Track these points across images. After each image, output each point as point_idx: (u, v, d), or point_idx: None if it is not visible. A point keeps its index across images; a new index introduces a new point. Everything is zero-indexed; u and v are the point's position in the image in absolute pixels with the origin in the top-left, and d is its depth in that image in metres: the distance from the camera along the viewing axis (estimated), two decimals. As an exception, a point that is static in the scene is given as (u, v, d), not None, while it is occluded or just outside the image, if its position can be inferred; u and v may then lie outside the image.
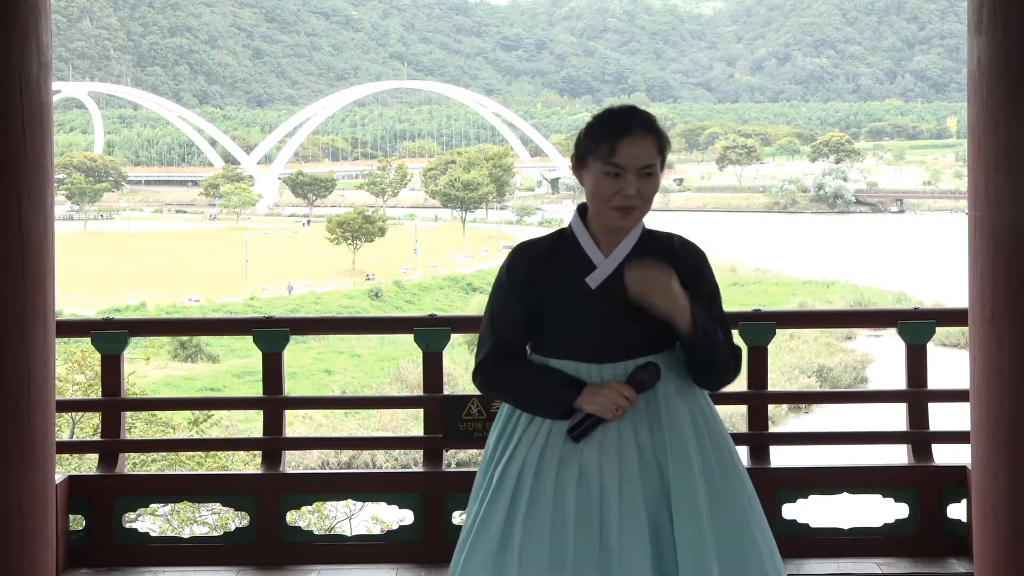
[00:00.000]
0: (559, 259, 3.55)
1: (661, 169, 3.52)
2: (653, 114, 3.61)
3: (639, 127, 3.49)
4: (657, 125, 3.55)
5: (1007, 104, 4.21)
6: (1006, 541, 4.29)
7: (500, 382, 3.57)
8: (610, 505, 3.41)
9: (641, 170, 3.47)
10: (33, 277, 4.27)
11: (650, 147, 3.49)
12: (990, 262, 4.29)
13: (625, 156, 3.46)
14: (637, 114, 3.54)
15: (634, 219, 3.52)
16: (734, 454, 3.59)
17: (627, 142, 3.46)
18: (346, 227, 75.31)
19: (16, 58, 4.21)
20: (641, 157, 3.47)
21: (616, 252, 3.53)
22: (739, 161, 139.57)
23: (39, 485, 4.34)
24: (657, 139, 3.51)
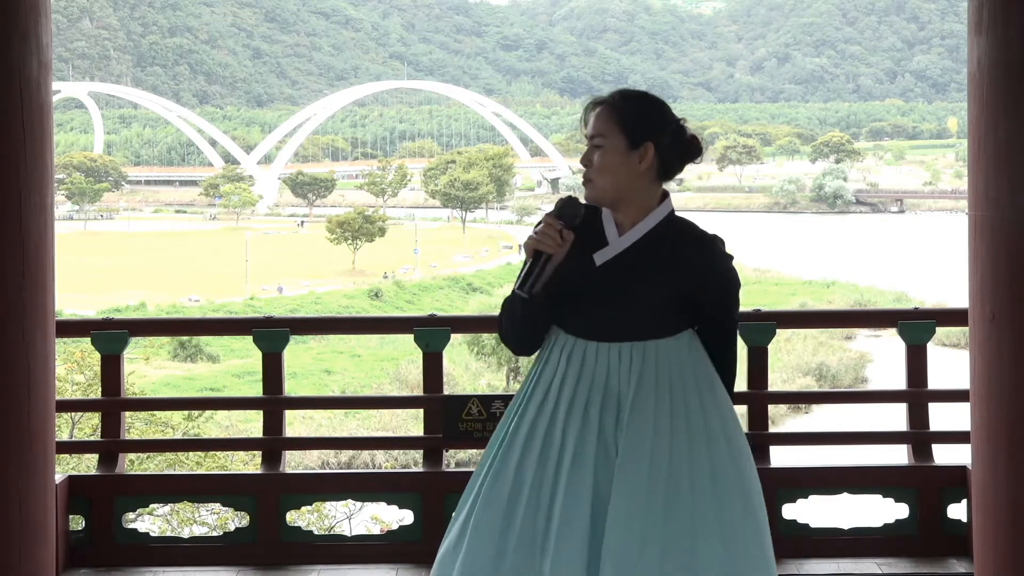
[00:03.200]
0: (585, 229, 3.55)
1: (634, 144, 3.48)
2: (637, 91, 3.60)
3: (602, 100, 3.55)
4: (618, 98, 3.55)
5: (1007, 104, 4.21)
6: (1006, 541, 4.29)
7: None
8: (559, 485, 3.43)
9: (590, 140, 3.52)
10: (33, 277, 4.27)
11: (602, 119, 3.51)
12: (990, 262, 4.29)
13: (587, 127, 3.54)
14: (617, 91, 3.59)
15: (593, 191, 3.53)
16: (730, 450, 3.57)
17: (590, 115, 3.55)
18: (346, 227, 75.31)
19: (16, 58, 4.21)
20: (590, 127, 3.53)
21: (628, 234, 3.53)
22: (739, 161, 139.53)
23: (39, 485, 4.34)
24: (614, 112, 3.51)
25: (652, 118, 3.52)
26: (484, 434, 5.91)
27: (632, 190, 3.51)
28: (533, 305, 3.51)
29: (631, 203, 3.53)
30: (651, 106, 3.55)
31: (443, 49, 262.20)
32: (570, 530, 3.39)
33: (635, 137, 3.49)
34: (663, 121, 3.54)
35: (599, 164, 3.50)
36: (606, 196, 3.53)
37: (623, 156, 3.49)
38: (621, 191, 3.51)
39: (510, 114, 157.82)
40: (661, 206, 3.54)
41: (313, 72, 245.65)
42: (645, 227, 3.52)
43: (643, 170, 3.50)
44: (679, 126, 3.57)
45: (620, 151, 3.49)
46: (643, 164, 3.50)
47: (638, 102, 3.54)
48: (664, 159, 3.52)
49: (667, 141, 3.52)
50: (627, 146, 3.49)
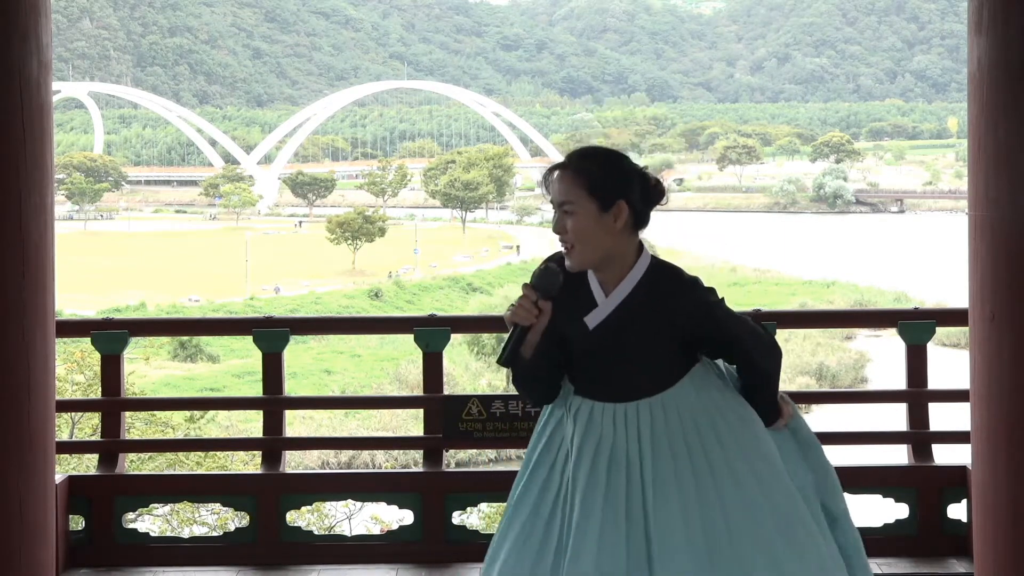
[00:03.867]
0: (575, 289, 3.56)
1: (605, 206, 3.46)
2: (597, 150, 3.57)
3: (563, 165, 3.52)
4: (579, 161, 3.51)
5: (1007, 104, 4.21)
6: (1006, 541, 4.29)
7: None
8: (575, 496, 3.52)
9: (560, 207, 3.50)
10: (33, 277, 4.27)
11: (567, 184, 3.48)
12: (990, 262, 4.29)
13: (551, 193, 3.52)
14: (574, 154, 3.55)
15: (577, 258, 3.50)
16: (760, 484, 3.53)
17: (553, 181, 3.52)
18: (346, 227, 75.30)
19: (16, 58, 4.21)
20: (556, 193, 3.50)
21: (615, 294, 3.51)
22: (739, 161, 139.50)
23: (39, 485, 4.34)
24: (578, 177, 3.47)
25: (618, 176, 3.49)
26: (484, 434, 5.92)
27: (613, 250, 3.50)
28: (524, 369, 3.55)
29: (613, 262, 3.52)
30: (615, 164, 3.51)
31: (443, 49, 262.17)
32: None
33: (606, 199, 3.46)
34: (629, 175, 3.51)
35: (576, 231, 3.48)
36: (590, 262, 3.52)
37: (597, 220, 3.47)
38: (603, 254, 3.50)
39: (510, 114, 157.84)
40: (640, 259, 3.52)
41: (313, 72, 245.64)
42: (630, 284, 3.51)
43: (619, 228, 3.48)
44: (643, 176, 3.54)
45: (593, 215, 3.47)
46: (619, 223, 3.48)
47: (601, 162, 3.51)
48: (636, 211, 3.50)
49: (636, 194, 3.50)
50: (599, 209, 3.46)
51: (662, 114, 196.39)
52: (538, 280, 3.51)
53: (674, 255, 78.84)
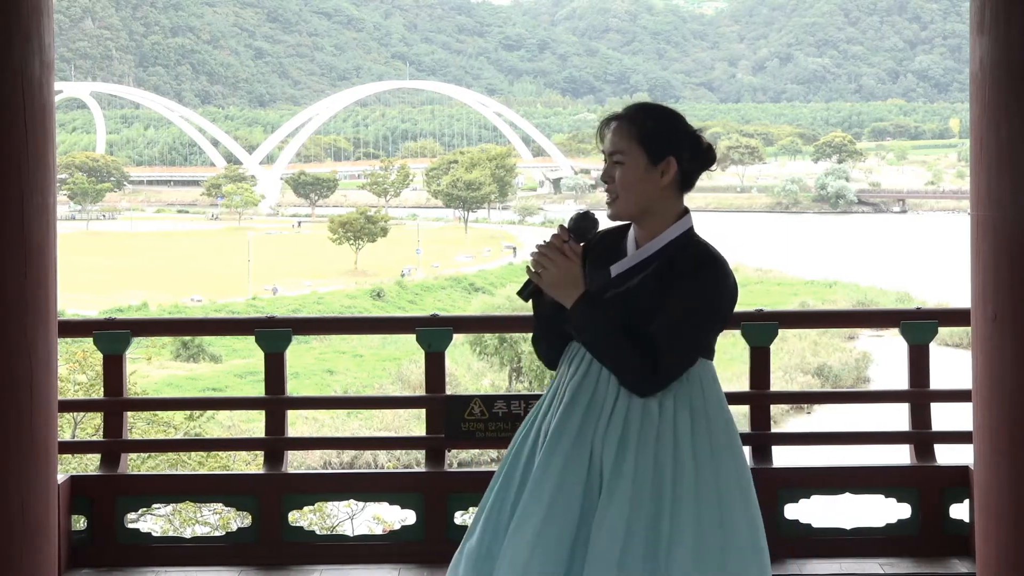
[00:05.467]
0: (614, 244, 3.58)
1: (655, 160, 3.47)
2: (652, 104, 3.60)
3: (616, 116, 3.56)
4: (635, 113, 3.55)
5: (1009, 104, 4.21)
6: (1008, 541, 4.28)
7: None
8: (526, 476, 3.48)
9: (610, 157, 3.53)
10: (35, 277, 4.27)
11: (620, 135, 3.51)
12: (992, 262, 4.29)
13: (604, 143, 3.55)
14: (632, 106, 3.59)
15: (617, 208, 3.52)
16: (715, 464, 3.44)
17: (606, 130, 3.55)
18: (348, 227, 75.31)
19: (18, 58, 4.21)
20: (608, 143, 3.53)
21: (644, 248, 3.52)
22: (741, 161, 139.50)
23: (41, 485, 4.34)
24: (633, 128, 3.50)
25: (672, 132, 3.52)
26: (486, 434, 5.92)
27: (654, 205, 3.50)
28: (545, 308, 3.55)
29: (653, 217, 3.52)
30: (670, 120, 3.54)
31: (445, 49, 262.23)
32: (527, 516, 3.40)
33: (656, 153, 3.48)
34: (682, 134, 3.53)
35: (621, 181, 3.50)
36: (629, 212, 3.53)
37: (645, 172, 3.49)
38: (644, 206, 3.51)
39: (512, 114, 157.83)
40: (679, 222, 3.52)
41: (315, 72, 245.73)
42: (661, 241, 3.51)
43: (665, 185, 3.50)
44: (696, 137, 3.55)
45: (642, 167, 3.49)
46: (665, 179, 3.49)
47: (657, 117, 3.54)
48: (685, 171, 3.52)
49: (687, 154, 3.52)
50: (648, 162, 3.48)
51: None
52: (575, 223, 3.54)
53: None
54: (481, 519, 3.51)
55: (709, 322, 3.46)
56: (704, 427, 3.45)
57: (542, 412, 3.57)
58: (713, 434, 3.46)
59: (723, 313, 3.48)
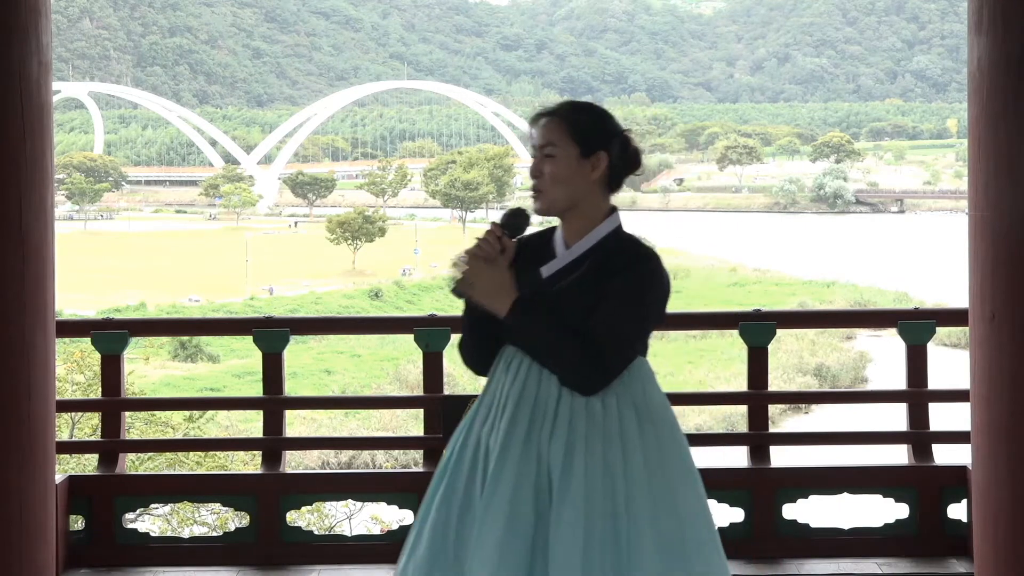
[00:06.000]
0: (542, 246, 3.58)
1: (586, 153, 3.48)
2: (592, 104, 3.61)
3: (548, 112, 3.56)
4: (567, 108, 3.56)
5: (1007, 104, 4.21)
6: (1006, 541, 4.29)
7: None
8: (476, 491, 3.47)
9: (540, 150, 3.52)
10: (33, 277, 4.27)
11: (552, 129, 3.51)
12: (990, 262, 4.29)
13: (533, 137, 3.55)
14: (564, 102, 3.60)
15: (544, 202, 3.52)
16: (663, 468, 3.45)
17: (537, 126, 3.55)
18: (346, 227, 75.29)
19: (16, 58, 4.21)
20: (539, 137, 3.53)
21: (575, 247, 3.52)
22: (739, 161, 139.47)
23: (39, 485, 4.34)
24: (564, 122, 3.51)
25: (603, 128, 3.54)
26: (484, 434, 5.91)
27: (582, 200, 3.51)
28: (476, 309, 3.54)
29: (580, 214, 3.52)
30: (602, 117, 3.57)
31: (443, 49, 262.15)
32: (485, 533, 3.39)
33: (587, 146, 3.50)
34: (612, 131, 3.55)
35: (551, 174, 3.50)
36: (557, 206, 3.53)
37: (575, 165, 3.50)
38: (572, 201, 3.51)
39: (510, 114, 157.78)
40: (608, 220, 3.53)
41: (313, 72, 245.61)
42: (591, 240, 3.51)
43: (595, 179, 3.51)
44: (625, 137, 3.57)
45: (572, 160, 3.50)
46: (595, 173, 3.50)
47: (589, 112, 3.57)
48: (614, 169, 3.53)
49: (616, 151, 3.53)
50: (579, 155, 3.50)
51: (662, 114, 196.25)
52: (507, 219, 3.56)
53: (674, 255, 78.77)
54: (425, 534, 3.48)
55: (647, 317, 3.48)
56: (650, 423, 3.47)
57: (479, 420, 3.54)
58: (659, 429, 3.48)
59: (659, 308, 3.51)
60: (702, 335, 46.20)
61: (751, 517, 5.86)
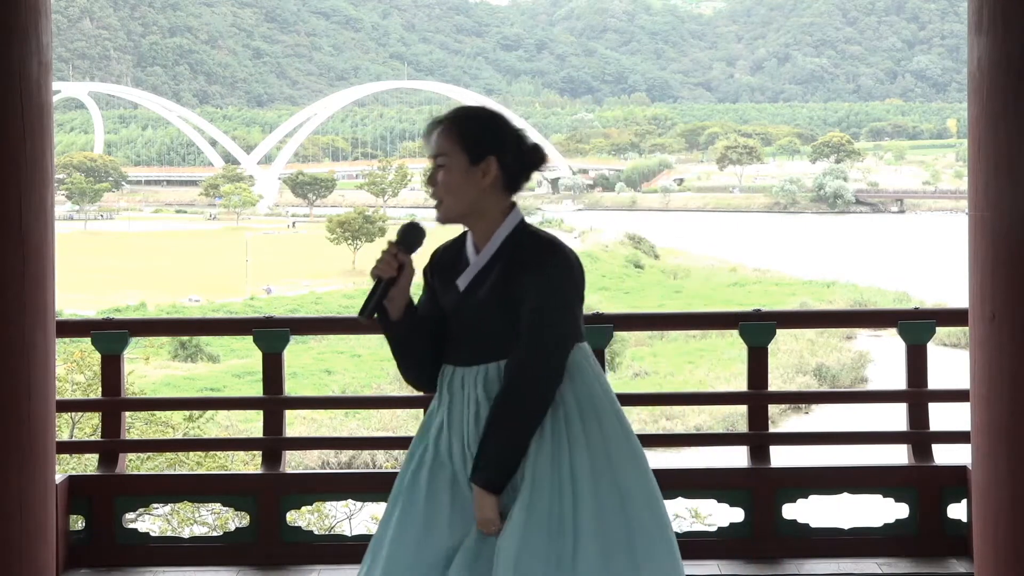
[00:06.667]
0: (453, 257, 3.61)
1: (475, 160, 3.50)
2: (482, 109, 3.62)
3: (439, 120, 3.57)
4: (456, 116, 3.57)
5: (1007, 104, 4.21)
6: (1006, 541, 4.29)
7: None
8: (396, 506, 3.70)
9: (433, 160, 3.55)
10: (33, 277, 4.27)
11: (442, 138, 3.53)
12: (990, 262, 4.29)
13: (428, 149, 3.58)
14: (453, 110, 3.61)
15: (443, 212, 3.55)
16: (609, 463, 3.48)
17: (431, 136, 3.57)
18: (346, 227, 75.27)
19: (16, 58, 4.21)
20: (431, 147, 3.55)
21: (483, 253, 3.55)
22: (739, 161, 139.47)
23: (39, 485, 4.34)
24: (453, 130, 3.52)
25: (491, 133, 3.54)
26: (484, 434, 5.91)
27: (479, 206, 3.53)
28: (393, 328, 3.59)
29: (480, 219, 3.55)
30: (490, 121, 3.56)
31: (443, 49, 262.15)
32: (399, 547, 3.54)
33: (476, 153, 3.51)
34: (502, 134, 3.55)
35: (444, 183, 3.52)
36: (455, 214, 3.56)
37: (466, 173, 3.51)
38: (468, 208, 3.53)
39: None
40: (508, 218, 3.54)
41: (313, 72, 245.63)
42: (496, 241, 3.53)
43: (487, 185, 3.52)
44: (519, 137, 3.57)
45: (462, 168, 3.51)
46: (486, 179, 3.51)
47: (476, 118, 3.57)
48: (508, 171, 3.53)
49: (509, 153, 3.53)
50: (468, 162, 3.51)
51: (662, 114, 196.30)
52: (402, 235, 3.58)
53: (674, 255, 78.80)
54: (383, 554, 3.63)
55: (570, 304, 3.50)
56: (593, 417, 3.49)
57: (443, 442, 3.58)
58: (603, 422, 3.50)
59: (579, 292, 3.53)
60: (702, 335, 46.16)
61: (751, 517, 5.86)
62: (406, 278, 3.55)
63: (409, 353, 3.63)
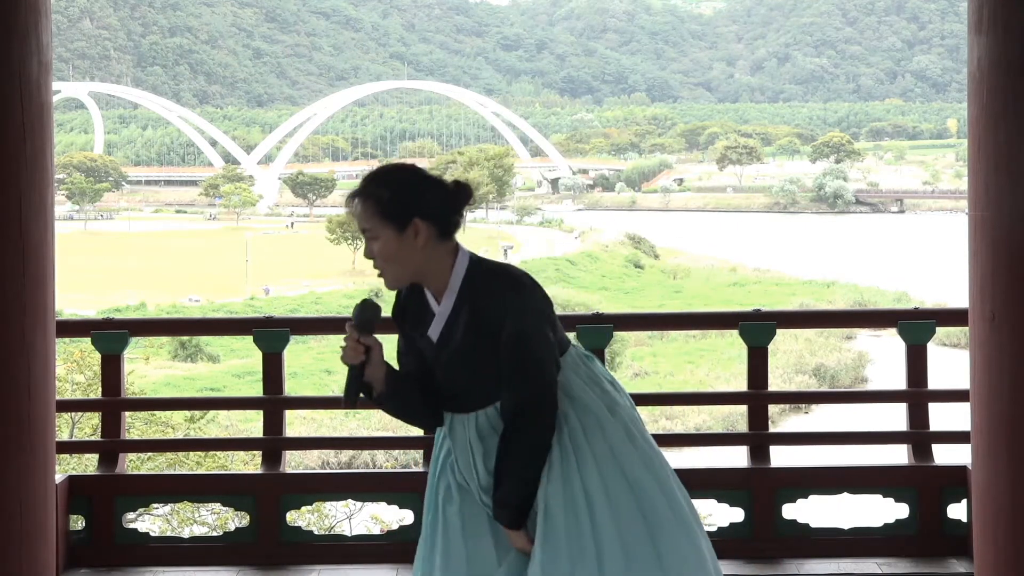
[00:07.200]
0: (418, 303, 3.59)
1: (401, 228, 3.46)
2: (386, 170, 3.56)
3: (355, 193, 3.53)
4: (368, 186, 3.51)
5: (1007, 104, 4.21)
6: (1006, 541, 4.29)
7: None
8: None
9: (364, 233, 3.51)
10: (33, 277, 4.27)
11: (364, 213, 3.48)
12: (990, 262, 4.29)
13: (355, 220, 3.54)
14: (366, 179, 3.54)
15: (391, 281, 3.54)
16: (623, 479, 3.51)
17: (353, 208, 3.52)
18: (346, 227, 75.21)
19: (16, 58, 4.21)
20: (358, 221, 3.51)
21: (444, 302, 3.53)
22: (739, 161, 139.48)
23: (39, 485, 4.34)
24: (372, 204, 3.47)
25: (407, 195, 3.48)
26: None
27: (423, 265, 3.51)
28: (386, 400, 3.58)
29: (431, 274, 3.53)
30: (404, 183, 3.50)
31: (443, 49, 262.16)
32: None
33: (400, 220, 3.46)
34: (419, 191, 3.49)
35: (381, 255, 3.50)
36: (403, 280, 3.56)
37: (398, 241, 3.48)
38: (413, 271, 3.52)
39: (510, 114, 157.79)
40: (457, 262, 3.52)
41: (313, 72, 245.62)
42: (452, 292, 3.52)
43: (422, 244, 3.48)
44: (437, 185, 3.52)
45: (393, 238, 3.47)
46: (420, 240, 3.48)
47: (389, 184, 3.49)
48: (438, 223, 3.50)
49: (434, 206, 3.49)
50: (396, 231, 3.47)
51: (662, 114, 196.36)
52: (356, 317, 3.55)
53: (674, 255, 78.80)
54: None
55: (545, 326, 3.48)
56: (595, 429, 3.50)
57: (449, 469, 3.65)
58: (605, 431, 3.51)
59: (548, 309, 3.52)
60: (702, 335, 46.17)
61: (751, 517, 5.86)
62: (377, 355, 3.52)
63: (410, 412, 3.65)
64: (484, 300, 3.46)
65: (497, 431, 3.50)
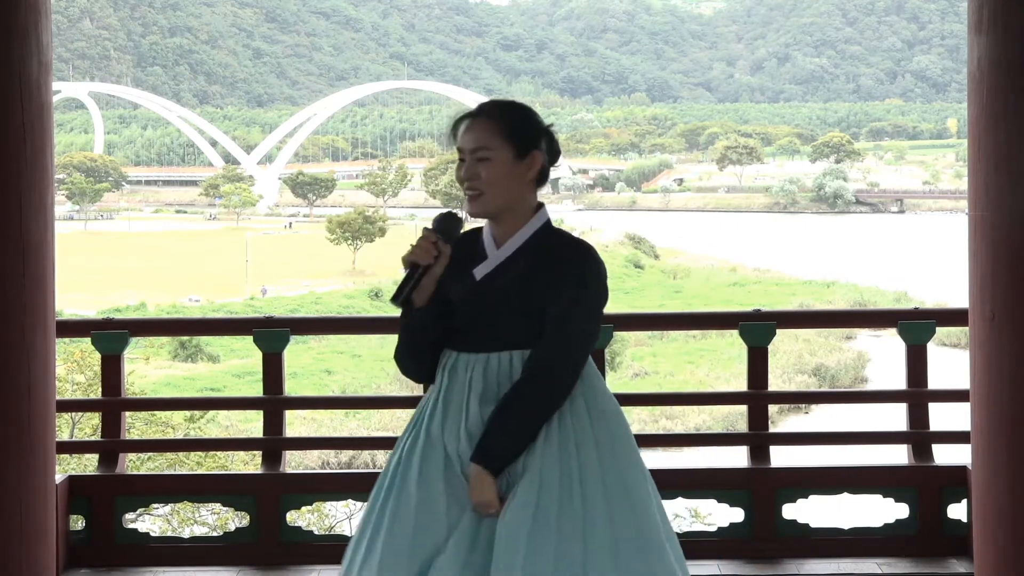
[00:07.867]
0: (468, 249, 3.59)
1: (522, 154, 3.51)
2: (516, 103, 3.62)
3: (478, 113, 3.58)
4: (496, 109, 3.57)
5: (1007, 104, 4.21)
6: (1006, 541, 4.29)
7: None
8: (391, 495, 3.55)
9: (473, 154, 3.53)
10: (33, 277, 4.27)
11: (484, 131, 3.52)
12: (990, 262, 4.29)
13: (460, 140, 3.56)
14: (489, 103, 3.62)
15: (482, 205, 3.54)
16: (615, 458, 3.48)
17: (463, 127, 3.57)
18: (346, 227, 75.25)
19: (16, 58, 4.21)
20: (470, 140, 3.54)
21: (506, 246, 3.54)
22: (739, 161, 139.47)
23: (39, 485, 4.34)
24: (496, 124, 3.52)
25: (534, 127, 3.56)
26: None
27: (518, 200, 3.54)
28: (416, 316, 3.55)
29: (513, 213, 3.55)
30: (531, 114, 3.58)
31: (443, 49, 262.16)
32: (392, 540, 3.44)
33: (522, 146, 3.52)
34: (543, 130, 3.58)
35: (488, 177, 3.51)
36: (492, 208, 3.55)
37: (512, 167, 3.52)
38: (509, 202, 3.54)
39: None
40: (536, 216, 3.56)
41: (313, 72, 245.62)
42: (522, 238, 3.54)
43: (531, 179, 3.54)
44: (550, 133, 3.60)
45: (508, 162, 3.51)
46: (531, 172, 3.53)
47: (519, 112, 3.58)
48: (547, 165, 3.58)
49: (547, 147, 3.57)
50: (515, 156, 3.51)
51: (662, 114, 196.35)
52: (440, 223, 3.58)
53: (674, 255, 78.79)
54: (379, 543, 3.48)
55: (595, 315, 3.53)
56: (601, 417, 3.50)
57: (436, 425, 3.53)
58: (610, 422, 3.52)
59: (605, 298, 3.57)
60: (702, 335, 46.17)
61: (751, 517, 5.86)
62: (441, 266, 3.54)
63: (421, 341, 3.60)
64: (557, 256, 3.48)
65: (502, 379, 3.48)
